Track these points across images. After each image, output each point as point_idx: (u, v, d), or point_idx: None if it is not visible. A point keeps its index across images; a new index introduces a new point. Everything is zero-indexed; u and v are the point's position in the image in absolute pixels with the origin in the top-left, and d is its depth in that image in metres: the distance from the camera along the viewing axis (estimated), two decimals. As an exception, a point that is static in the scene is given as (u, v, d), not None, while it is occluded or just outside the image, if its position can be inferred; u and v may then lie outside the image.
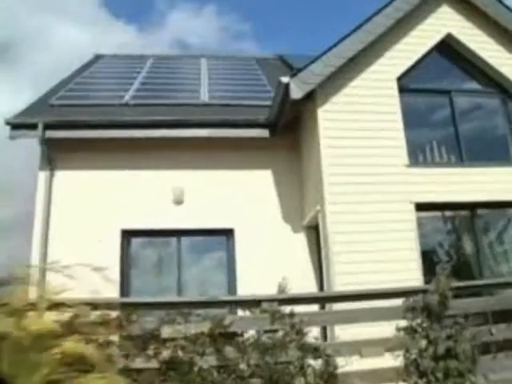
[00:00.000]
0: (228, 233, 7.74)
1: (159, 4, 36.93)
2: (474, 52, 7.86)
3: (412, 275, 6.45)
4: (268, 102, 7.82)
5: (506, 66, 7.88)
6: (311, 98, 7.08)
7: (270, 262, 7.39)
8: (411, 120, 7.40)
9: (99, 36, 29.96)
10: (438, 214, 7.37)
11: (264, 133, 7.69)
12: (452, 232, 7.50)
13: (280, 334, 3.97)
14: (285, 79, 6.77)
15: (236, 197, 7.76)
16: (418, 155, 7.42)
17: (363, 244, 6.56)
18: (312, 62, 6.94)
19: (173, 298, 6.35)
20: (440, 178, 7.13)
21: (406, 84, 7.56)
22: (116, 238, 7.46)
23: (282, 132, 7.72)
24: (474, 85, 8.03)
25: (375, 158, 6.97)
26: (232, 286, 7.54)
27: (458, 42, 7.87)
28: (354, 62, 7.24)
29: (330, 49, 7.05)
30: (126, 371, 3.48)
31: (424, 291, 4.34)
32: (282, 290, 4.99)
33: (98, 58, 11.27)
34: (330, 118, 7.02)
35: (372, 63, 7.39)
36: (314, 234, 7.52)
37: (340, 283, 6.42)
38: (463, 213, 7.41)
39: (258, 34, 36.82)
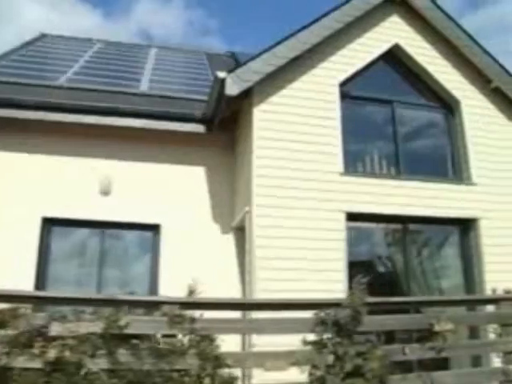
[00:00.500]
0: (154, 228, 7.43)
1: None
2: (420, 65, 7.77)
3: (337, 286, 6.27)
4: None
5: (451, 82, 7.83)
6: (248, 96, 6.85)
7: (194, 262, 7.14)
8: (351, 128, 7.24)
9: (64, 18, 29.15)
10: (370, 225, 7.22)
11: (199, 128, 7.42)
12: (383, 245, 7.37)
13: (184, 339, 3.74)
14: (221, 74, 6.50)
15: (166, 192, 7.47)
16: (355, 164, 7.26)
17: (289, 251, 6.37)
18: (252, 58, 6.71)
19: (66, 293, 5.93)
20: (374, 189, 6.98)
21: (349, 91, 7.40)
22: (36, 225, 7.05)
23: (219, 128, 7.45)
24: (417, 98, 7.93)
25: (309, 163, 6.78)
26: (153, 285, 7.23)
27: (405, 53, 7.76)
28: (296, 63, 7.04)
29: (272, 47, 6.82)
30: (6, 370, 3.26)
31: (337, 304, 4.12)
32: (191, 292, 4.73)
33: (43, 36, 10.78)
34: (265, 118, 6.79)
35: (315, 66, 7.20)
36: (243, 236, 7.27)
37: (261, 289, 6.20)
38: (396, 226, 7.28)
39: (224, 31, 36.61)
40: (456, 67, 7.92)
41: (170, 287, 6.95)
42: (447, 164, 7.78)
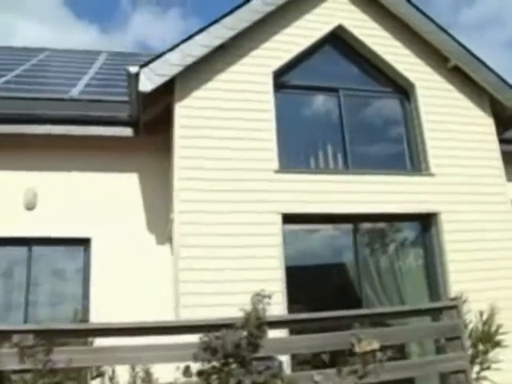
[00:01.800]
0: (85, 243, 6.82)
1: (123, 4, 36.16)
2: (368, 47, 7.05)
3: (274, 299, 5.56)
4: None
5: (404, 64, 7.09)
6: (170, 92, 6.22)
7: (128, 277, 6.58)
8: (290, 120, 6.57)
9: (61, 35, 29.12)
10: (315, 226, 6.50)
11: (126, 131, 6.81)
12: (332, 248, 6.63)
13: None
14: (133, 69, 5.89)
15: (96, 203, 6.86)
16: (295, 160, 6.56)
17: (216, 260, 5.71)
18: (169, 50, 6.08)
19: None
20: (317, 187, 6.28)
21: (286, 80, 6.74)
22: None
23: (150, 130, 6.82)
24: (368, 83, 7.19)
25: (240, 161, 6.12)
26: (86, 303, 6.62)
27: (350, 35, 7.06)
28: (224, 52, 6.42)
29: (192, 35, 6.20)
30: None
31: (230, 325, 3.43)
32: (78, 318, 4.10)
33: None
34: (189, 114, 6.16)
35: (246, 55, 6.55)
36: (175, 246, 6.63)
37: (185, 305, 5.56)
38: (344, 226, 6.55)
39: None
40: (409, 47, 7.18)
41: (103, 305, 6.44)
42: (404, 154, 7.02)
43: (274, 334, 4.02)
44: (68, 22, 32.29)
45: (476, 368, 4.86)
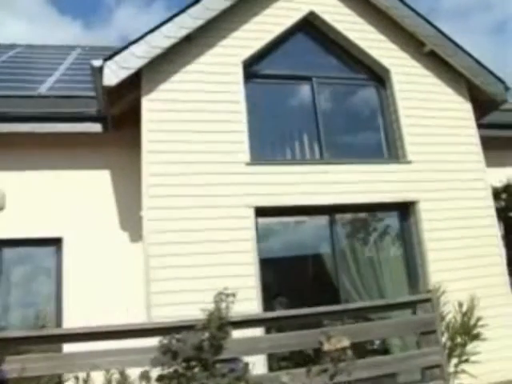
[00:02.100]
0: (56, 243, 6.65)
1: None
2: (341, 33, 6.88)
3: (248, 295, 5.45)
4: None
5: (379, 50, 6.93)
6: (137, 85, 6.04)
7: (101, 277, 6.42)
8: (261, 110, 6.44)
9: (44, 31, 28.75)
10: (289, 219, 6.36)
11: (95, 127, 6.63)
12: (309, 240, 6.49)
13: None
14: (97, 62, 5.71)
15: (68, 201, 6.68)
16: (267, 152, 6.41)
17: (187, 257, 5.57)
18: (134, 42, 5.89)
19: None
20: (291, 178, 6.14)
21: (257, 69, 6.58)
22: None
23: (118, 126, 6.63)
24: (343, 71, 7.03)
25: (210, 154, 5.96)
26: (59, 305, 6.47)
27: (323, 21, 6.88)
28: (191, 43, 6.23)
29: (157, 27, 6.01)
30: None
31: (191, 327, 3.27)
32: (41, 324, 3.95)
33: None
34: (156, 108, 5.99)
35: (215, 45, 6.37)
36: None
37: (157, 304, 5.41)
38: (320, 218, 6.40)
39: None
40: (383, 32, 7.02)
41: (76, 306, 6.29)
42: (381, 142, 6.87)
43: (249, 332, 3.89)
44: (52, 19, 31.88)
45: (454, 361, 4.75)
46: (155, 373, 3.03)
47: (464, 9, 36.71)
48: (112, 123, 6.51)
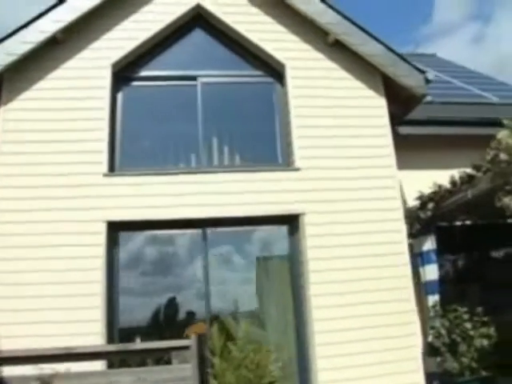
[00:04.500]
0: None
1: None
2: (230, 27, 6.20)
3: (91, 328, 5.02)
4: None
5: (275, 42, 6.19)
6: None
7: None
8: (135, 117, 5.94)
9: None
10: (152, 234, 5.82)
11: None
12: (176, 257, 5.91)
13: None
14: None
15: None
16: (136, 161, 5.90)
17: (21, 287, 5.16)
18: (-11, 49, 5.64)
19: None
20: (158, 189, 5.62)
21: (133, 72, 6.10)
22: None
23: None
24: (234, 67, 6.33)
25: (67, 166, 5.57)
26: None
27: (211, 15, 6.24)
28: (59, 46, 5.88)
29: (15, 31, 5.70)
30: None
31: None
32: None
33: None
34: (15, 117, 5.68)
35: (84, 48, 5.96)
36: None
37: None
38: (190, 233, 5.81)
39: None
40: (282, 23, 6.25)
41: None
42: (275, 148, 6.12)
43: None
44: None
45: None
46: None
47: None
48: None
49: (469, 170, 5.53)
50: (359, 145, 5.91)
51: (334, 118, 5.96)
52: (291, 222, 5.71)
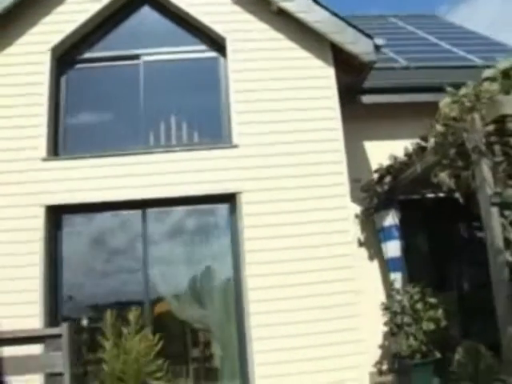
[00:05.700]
0: None
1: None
2: (172, 3, 6.00)
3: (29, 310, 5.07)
4: None
5: (215, 15, 5.98)
6: None
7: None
8: (77, 100, 5.91)
9: None
10: (93, 216, 5.79)
11: None
12: (117, 239, 5.86)
13: None
14: None
15: None
16: (78, 144, 5.85)
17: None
18: None
19: None
20: (98, 172, 5.58)
21: (75, 54, 6.05)
22: None
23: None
24: (177, 44, 6.13)
25: (4, 152, 5.59)
26: None
27: (152, -10, 6.06)
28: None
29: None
30: None
31: None
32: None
33: None
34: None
35: (23, 33, 5.93)
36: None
37: None
38: (131, 214, 5.74)
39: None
40: (218, -6, 5.98)
41: None
42: (219, 124, 5.91)
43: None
44: None
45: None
46: None
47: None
48: None
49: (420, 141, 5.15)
50: (304, 118, 5.61)
51: (279, 90, 5.68)
52: (230, 200, 5.52)
